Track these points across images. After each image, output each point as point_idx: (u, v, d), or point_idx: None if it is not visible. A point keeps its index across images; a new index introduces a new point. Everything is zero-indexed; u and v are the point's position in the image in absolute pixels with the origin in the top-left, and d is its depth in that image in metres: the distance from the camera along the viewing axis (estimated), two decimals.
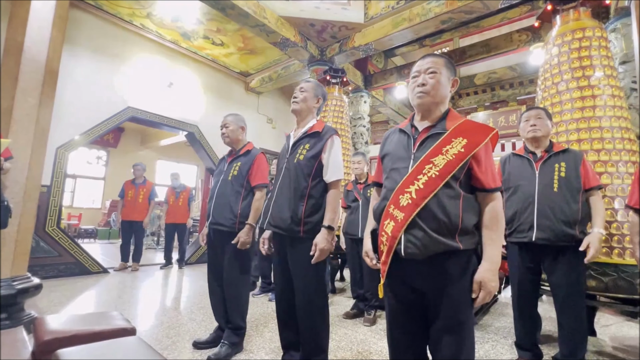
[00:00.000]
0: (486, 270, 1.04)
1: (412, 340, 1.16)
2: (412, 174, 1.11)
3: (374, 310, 2.86)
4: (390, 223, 1.10)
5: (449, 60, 1.21)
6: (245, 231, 2.03)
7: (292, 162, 1.69)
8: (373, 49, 5.03)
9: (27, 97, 1.96)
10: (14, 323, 1.76)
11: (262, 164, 2.20)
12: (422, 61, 1.21)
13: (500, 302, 3.70)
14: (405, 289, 1.14)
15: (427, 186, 1.06)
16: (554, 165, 1.91)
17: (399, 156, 1.20)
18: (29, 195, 1.96)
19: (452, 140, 1.10)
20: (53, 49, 2.10)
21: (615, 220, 2.20)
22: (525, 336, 2.00)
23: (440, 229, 1.04)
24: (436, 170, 1.07)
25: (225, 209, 2.08)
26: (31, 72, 1.99)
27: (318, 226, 1.62)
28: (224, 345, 2.01)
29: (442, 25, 4.38)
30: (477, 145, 1.08)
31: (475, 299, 1.05)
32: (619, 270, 2.13)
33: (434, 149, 1.11)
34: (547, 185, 1.88)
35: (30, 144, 1.96)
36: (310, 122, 1.77)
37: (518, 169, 2.03)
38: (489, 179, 1.09)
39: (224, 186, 2.14)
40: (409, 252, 1.05)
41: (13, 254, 1.88)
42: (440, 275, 1.06)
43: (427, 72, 1.17)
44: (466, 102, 8.58)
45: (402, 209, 1.08)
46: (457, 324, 1.05)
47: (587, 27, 2.50)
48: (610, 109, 2.32)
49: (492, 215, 1.09)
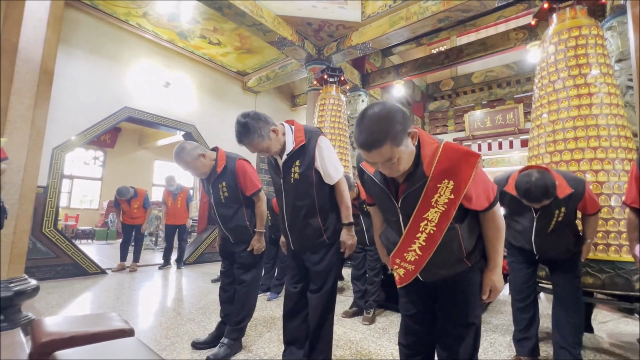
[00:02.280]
0: (495, 275, 1.12)
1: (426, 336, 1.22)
2: (410, 233, 1.08)
3: (373, 309, 2.87)
4: (401, 270, 1.16)
5: (392, 127, 0.91)
6: (257, 239, 2.08)
7: (289, 182, 1.67)
8: (370, 47, 5.03)
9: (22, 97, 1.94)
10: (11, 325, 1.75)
11: (247, 171, 2.06)
12: (367, 156, 0.96)
13: (499, 299, 3.71)
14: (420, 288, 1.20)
15: (429, 241, 1.07)
16: (554, 212, 1.85)
17: (386, 207, 1.17)
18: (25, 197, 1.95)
19: (438, 186, 1.00)
20: (48, 49, 2.09)
21: (612, 218, 2.21)
22: (523, 333, 2.02)
23: (449, 263, 1.11)
24: (433, 226, 1.05)
25: (238, 230, 2.09)
26: (26, 72, 1.97)
27: (335, 226, 1.70)
28: (222, 345, 2.01)
29: (439, 24, 4.38)
30: (466, 181, 0.98)
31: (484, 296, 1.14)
32: (616, 267, 2.14)
33: (423, 204, 1.03)
34: (544, 229, 1.90)
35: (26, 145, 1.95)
36: (289, 140, 1.64)
37: (517, 207, 1.95)
38: (482, 202, 1.06)
39: (222, 209, 2.10)
40: (425, 280, 1.15)
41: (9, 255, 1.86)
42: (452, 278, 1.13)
43: (383, 164, 0.97)
44: (463, 101, 8.60)
45: (411, 262, 1.12)
46: (466, 324, 1.12)
47: (583, 25, 2.51)
48: (607, 107, 2.33)
49: (492, 226, 1.11)
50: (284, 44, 4.97)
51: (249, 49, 5.79)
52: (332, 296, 1.71)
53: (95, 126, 4.61)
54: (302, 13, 4.76)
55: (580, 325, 1.91)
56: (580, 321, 1.91)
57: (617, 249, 2.17)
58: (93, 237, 8.55)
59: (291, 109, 8.23)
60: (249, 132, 1.55)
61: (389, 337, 2.40)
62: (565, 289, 1.92)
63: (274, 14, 4.69)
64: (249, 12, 4.25)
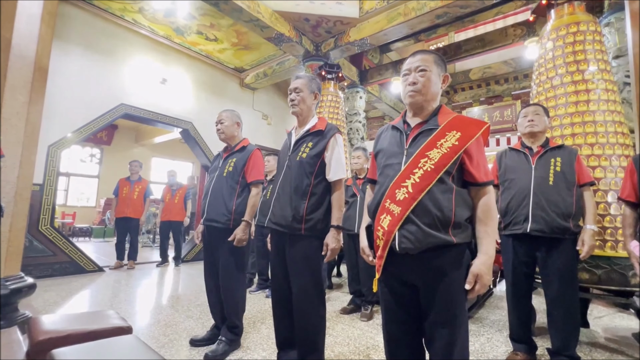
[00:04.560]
0: (482, 263, 1.05)
1: (408, 334, 1.17)
2: (408, 168, 1.11)
3: (370, 305, 2.88)
4: (387, 217, 1.11)
5: (439, 56, 1.21)
6: (241, 228, 2.01)
7: (295, 159, 1.69)
8: (368, 44, 5.01)
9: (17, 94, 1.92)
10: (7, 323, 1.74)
11: (258, 160, 2.18)
12: (412, 59, 1.21)
13: (495, 295, 3.74)
14: (400, 283, 1.16)
15: (423, 179, 1.07)
16: (550, 160, 1.94)
17: (392, 152, 1.21)
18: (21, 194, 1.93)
19: (446, 133, 1.11)
20: (42, 45, 2.06)
21: (609, 214, 2.23)
22: (519, 329, 2.03)
23: (434, 224, 1.05)
24: (432, 164, 1.08)
25: (219, 206, 2.06)
26: (20, 69, 1.94)
27: (319, 224, 1.62)
28: (221, 342, 2.01)
29: (437, 20, 4.37)
30: (471, 137, 1.09)
31: (469, 290, 1.06)
32: (612, 263, 2.16)
33: (429, 143, 1.11)
34: (543, 179, 1.91)
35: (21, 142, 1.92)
36: (312, 120, 1.77)
37: (514, 163, 2.06)
38: (481, 173, 1.11)
39: (219, 183, 2.12)
40: (403, 246, 1.06)
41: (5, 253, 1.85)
42: (434, 270, 1.07)
43: (417, 71, 1.17)
44: (461, 97, 8.59)
45: (399, 203, 1.08)
46: (451, 318, 1.06)
47: (581, 21, 2.51)
48: (604, 103, 2.34)
49: (485, 209, 1.09)
50: (282, 40, 4.94)
51: (246, 45, 5.75)
52: (314, 293, 1.63)
53: (91, 123, 4.57)
54: (299, 9, 4.73)
55: (576, 323, 1.91)
56: (576, 318, 1.90)
57: (613, 245, 2.18)
58: (90, 235, 8.52)
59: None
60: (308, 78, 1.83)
61: None
62: (562, 285, 1.89)
63: (271, 10, 4.65)
64: (246, 8, 4.21)
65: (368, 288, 2.85)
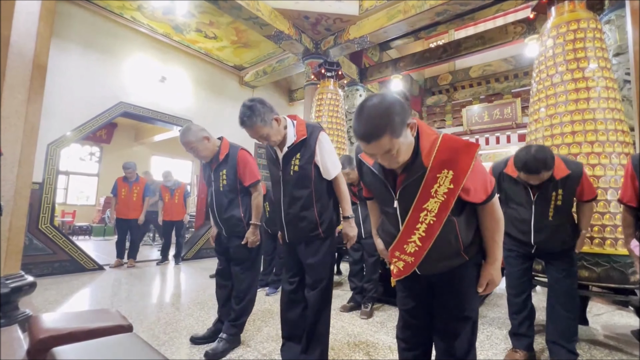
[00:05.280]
0: (493, 268, 1.12)
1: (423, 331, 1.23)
2: (410, 224, 1.08)
3: (371, 303, 2.88)
4: (400, 263, 1.15)
5: (390, 118, 0.91)
6: (251, 231, 2.06)
7: (289, 174, 1.69)
8: (368, 41, 4.99)
9: (15, 93, 1.91)
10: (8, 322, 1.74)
11: (248, 162, 2.10)
12: (366, 147, 0.97)
13: (495, 293, 3.74)
14: (416, 281, 1.20)
15: (429, 232, 1.07)
16: (552, 194, 1.86)
17: (384, 198, 1.15)
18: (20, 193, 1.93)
19: (437, 176, 1.00)
20: (41, 43, 2.05)
21: (608, 211, 2.23)
22: (519, 326, 2.04)
23: (447, 256, 1.10)
24: (433, 217, 1.04)
25: (230, 220, 2.08)
26: (18, 67, 1.94)
27: (331, 221, 1.71)
28: (221, 340, 2.02)
29: (437, 18, 4.35)
30: (465, 172, 0.98)
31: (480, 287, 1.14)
32: (611, 261, 2.16)
33: (422, 195, 1.03)
34: (543, 214, 1.90)
35: (20, 140, 1.92)
36: (290, 133, 1.68)
37: (513, 192, 1.98)
38: (480, 195, 1.05)
39: (220, 198, 2.10)
40: (422, 273, 1.15)
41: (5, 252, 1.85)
42: (448, 272, 1.13)
43: (382, 155, 0.98)
44: (461, 95, 8.58)
45: (410, 254, 1.11)
46: (463, 318, 1.13)
47: (581, 18, 2.49)
48: (604, 101, 2.33)
49: (491, 219, 1.10)
50: (281, 38, 4.92)
51: (246, 43, 5.73)
52: (328, 291, 1.72)
53: (90, 121, 4.56)
54: (299, 6, 4.71)
55: (575, 319, 1.93)
56: (575, 315, 1.92)
57: (612, 243, 2.19)
58: (90, 234, 8.52)
59: (288, 104, 8.18)
60: (253, 114, 1.58)
61: (386, 331, 2.42)
62: (561, 283, 1.92)
63: (271, 8, 4.63)
64: (245, 5, 4.20)
65: (373, 281, 2.89)
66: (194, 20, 5.07)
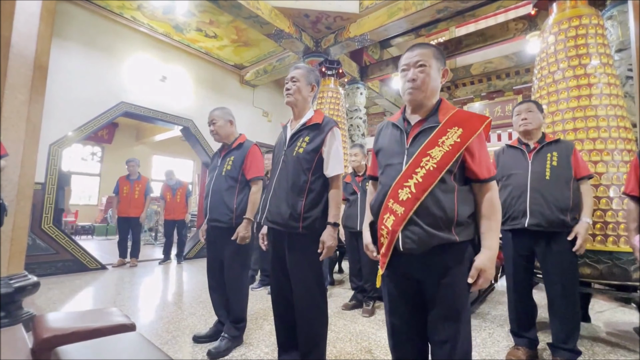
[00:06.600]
0: (486, 258, 1.06)
1: (411, 328, 1.18)
2: (410, 167, 1.10)
3: (372, 301, 2.89)
4: (390, 217, 1.10)
5: (438, 50, 1.17)
6: (243, 226, 2.01)
7: (291, 155, 1.63)
8: (368, 39, 4.98)
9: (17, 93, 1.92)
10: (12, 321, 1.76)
11: (257, 156, 2.16)
12: (410, 53, 1.17)
13: (497, 290, 3.74)
14: (404, 279, 1.16)
15: (426, 179, 1.06)
16: (546, 155, 1.95)
17: (392, 151, 1.19)
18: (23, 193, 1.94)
19: (448, 130, 1.09)
20: (41, 43, 2.06)
21: (611, 209, 2.22)
22: (520, 324, 2.04)
23: (437, 224, 1.05)
24: (434, 163, 1.06)
25: (221, 206, 2.06)
26: (20, 67, 1.94)
27: (316, 222, 1.57)
28: (224, 338, 2.02)
29: (437, 15, 4.33)
30: (474, 132, 1.08)
31: (472, 284, 1.07)
32: (614, 258, 2.16)
33: (430, 142, 1.10)
34: (540, 174, 1.91)
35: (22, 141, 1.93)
36: (308, 113, 1.70)
37: (512, 160, 2.07)
38: (483, 169, 1.10)
39: (219, 182, 2.11)
40: (407, 247, 1.07)
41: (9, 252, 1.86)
42: (437, 266, 1.08)
43: (416, 66, 1.14)
44: (462, 92, 8.55)
45: (402, 203, 1.08)
46: (454, 313, 1.07)
47: (583, 14, 2.48)
48: (606, 98, 2.32)
49: (489, 205, 1.10)
50: (281, 37, 4.91)
51: (246, 41, 5.72)
52: (316, 293, 1.60)
53: (91, 121, 4.57)
54: (299, 5, 4.69)
55: (576, 316, 1.91)
56: (576, 312, 1.91)
57: (615, 240, 2.18)
58: (92, 233, 8.55)
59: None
60: None
61: None
62: (562, 279, 1.89)
63: (271, 6, 4.62)
64: (245, 4, 4.19)
65: (371, 284, 2.86)
66: (194, 20, 5.07)
